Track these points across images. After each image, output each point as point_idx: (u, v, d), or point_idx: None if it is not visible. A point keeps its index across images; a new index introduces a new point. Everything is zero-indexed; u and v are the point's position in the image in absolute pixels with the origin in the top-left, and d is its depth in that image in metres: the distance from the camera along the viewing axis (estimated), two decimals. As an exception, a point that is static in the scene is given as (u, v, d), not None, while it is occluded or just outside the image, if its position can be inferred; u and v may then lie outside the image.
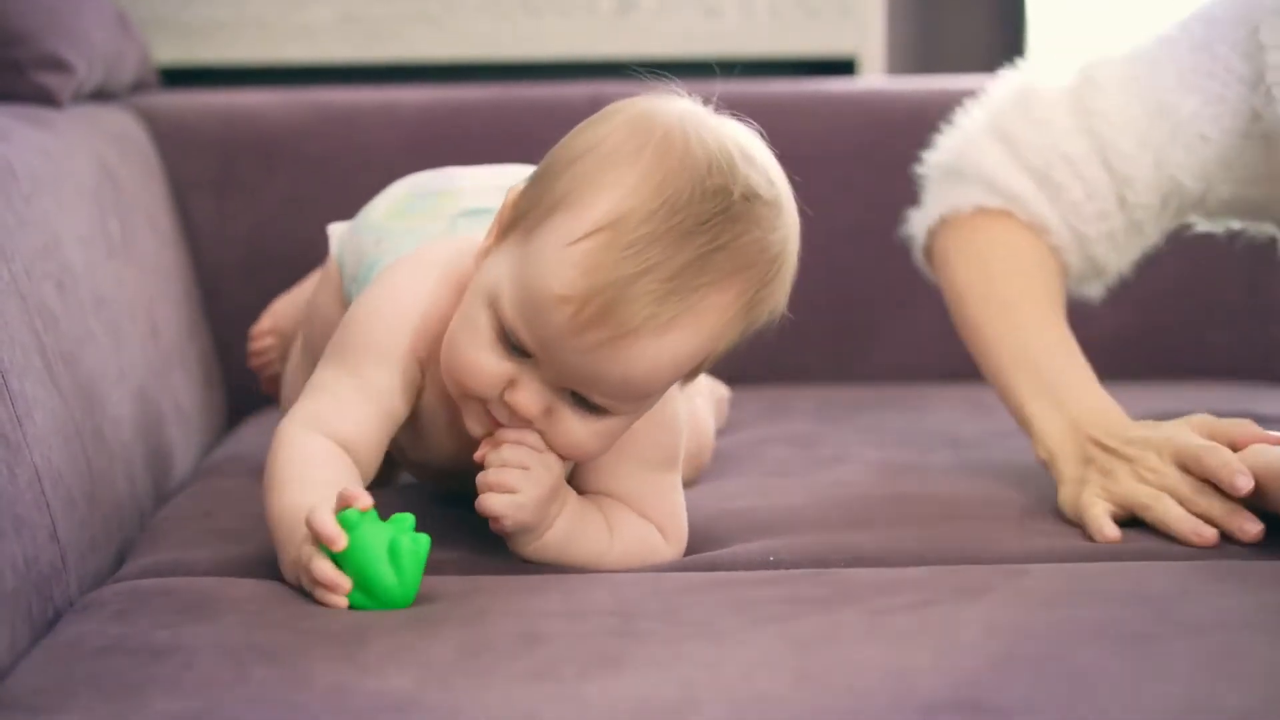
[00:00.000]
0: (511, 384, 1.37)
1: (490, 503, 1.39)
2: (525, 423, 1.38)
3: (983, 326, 1.75)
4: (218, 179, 2.29)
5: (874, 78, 2.53)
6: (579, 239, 1.32)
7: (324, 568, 1.32)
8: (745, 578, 1.42)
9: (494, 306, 1.37)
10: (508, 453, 1.39)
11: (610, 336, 1.32)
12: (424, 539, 1.34)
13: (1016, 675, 1.19)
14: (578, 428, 1.39)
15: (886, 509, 1.63)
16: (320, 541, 1.32)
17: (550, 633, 1.26)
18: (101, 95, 2.17)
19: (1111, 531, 1.52)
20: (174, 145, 2.28)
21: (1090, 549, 1.51)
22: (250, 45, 2.50)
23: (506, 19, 2.54)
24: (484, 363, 1.37)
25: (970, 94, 2.34)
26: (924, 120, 2.31)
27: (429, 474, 1.61)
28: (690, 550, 1.48)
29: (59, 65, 1.97)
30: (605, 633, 1.26)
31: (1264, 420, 1.60)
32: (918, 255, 1.88)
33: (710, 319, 1.34)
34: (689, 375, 1.40)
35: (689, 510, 1.52)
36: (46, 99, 1.96)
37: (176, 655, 1.23)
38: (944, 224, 1.82)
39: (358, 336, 1.46)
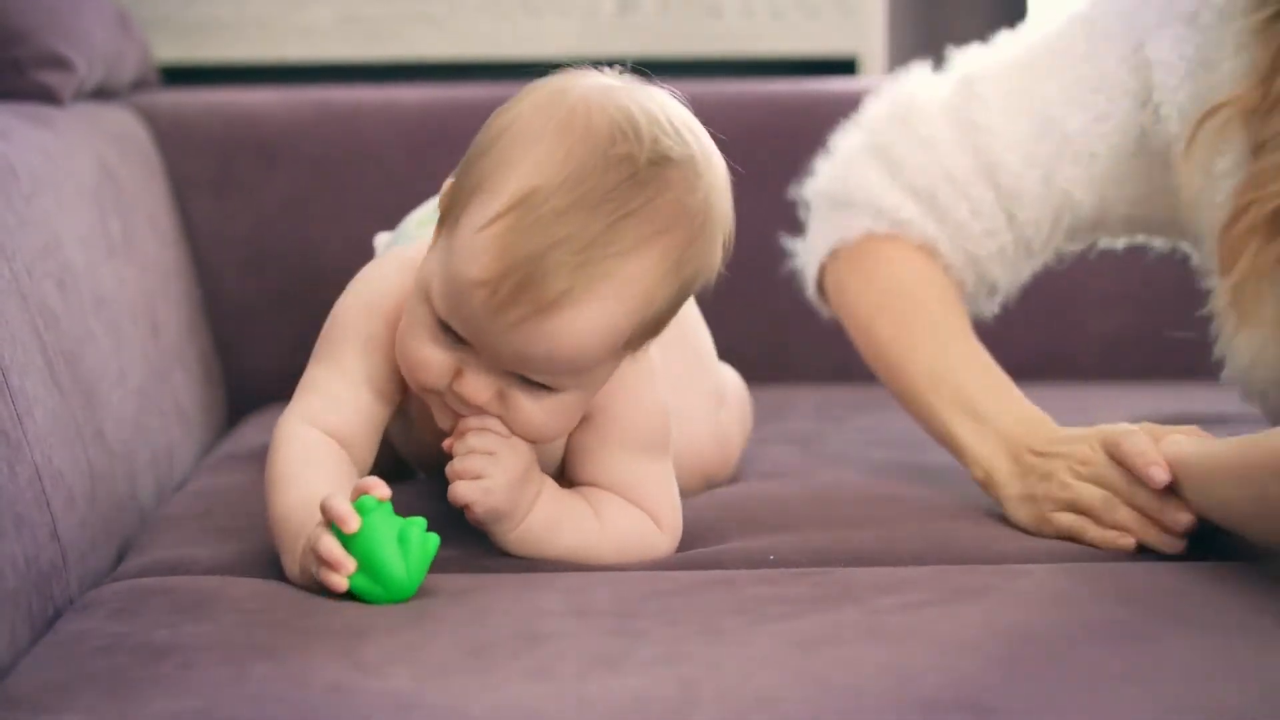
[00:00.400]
0: (458, 374, 1.38)
1: (459, 490, 1.40)
2: (480, 410, 1.39)
3: (890, 352, 1.71)
4: (218, 178, 2.29)
5: (875, 78, 2.53)
6: (490, 222, 1.32)
7: (331, 545, 1.33)
8: (746, 576, 1.42)
9: (429, 300, 1.37)
10: (473, 440, 1.39)
11: (529, 313, 1.31)
12: (434, 537, 1.35)
13: (1017, 676, 1.19)
14: (532, 408, 1.39)
15: (887, 509, 1.63)
16: (332, 522, 1.33)
17: (550, 632, 1.27)
18: (102, 94, 2.17)
19: (1096, 534, 1.51)
20: (175, 144, 2.28)
21: (1090, 550, 1.50)
22: (251, 44, 2.50)
23: (507, 19, 2.54)
24: (429, 356, 1.38)
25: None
26: (924, 120, 2.32)
27: (426, 468, 1.62)
28: (690, 549, 1.48)
29: (60, 63, 1.97)
30: (605, 632, 1.26)
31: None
32: (809, 289, 1.85)
33: (634, 286, 1.34)
34: (631, 344, 1.39)
35: (690, 508, 1.52)
36: (47, 97, 1.96)
37: (177, 654, 1.23)
38: (834, 256, 1.80)
39: (338, 330, 1.48)
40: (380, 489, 1.34)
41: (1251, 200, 1.56)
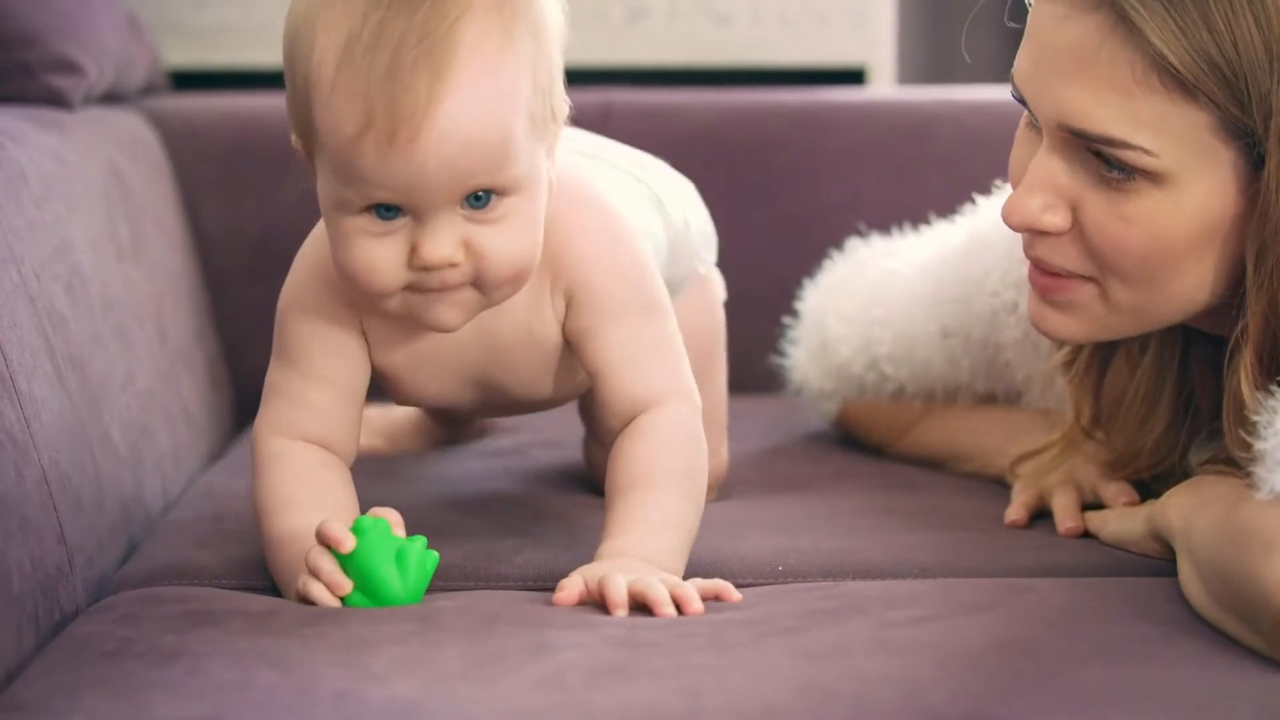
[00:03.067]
0: (413, 251, 1.36)
1: (666, 610, 1.33)
2: (451, 267, 1.36)
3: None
4: (227, 183, 2.28)
5: (884, 88, 2.53)
6: (329, 86, 1.32)
7: (327, 565, 1.33)
8: (754, 589, 1.42)
9: (340, 208, 1.36)
10: (612, 590, 1.34)
11: (414, 129, 1.31)
12: (434, 555, 1.36)
13: (1022, 690, 1.19)
14: (494, 237, 1.37)
15: (895, 521, 1.63)
16: (328, 545, 1.33)
17: (558, 642, 1.26)
18: (112, 98, 2.17)
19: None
20: (184, 149, 2.28)
21: (1095, 564, 1.50)
22: (261, 49, 2.50)
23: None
24: (371, 256, 1.36)
25: (979, 105, 2.35)
26: (933, 131, 2.32)
27: (434, 403, 1.60)
28: (698, 561, 1.48)
29: (70, 67, 1.97)
30: (613, 643, 1.26)
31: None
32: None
33: (487, 43, 1.33)
34: (536, 114, 1.38)
35: (701, 522, 1.51)
36: (57, 101, 1.96)
37: (184, 660, 1.24)
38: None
39: (283, 326, 1.49)
40: (384, 512, 1.35)
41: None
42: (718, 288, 1.78)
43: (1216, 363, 1.50)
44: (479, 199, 1.35)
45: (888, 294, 1.86)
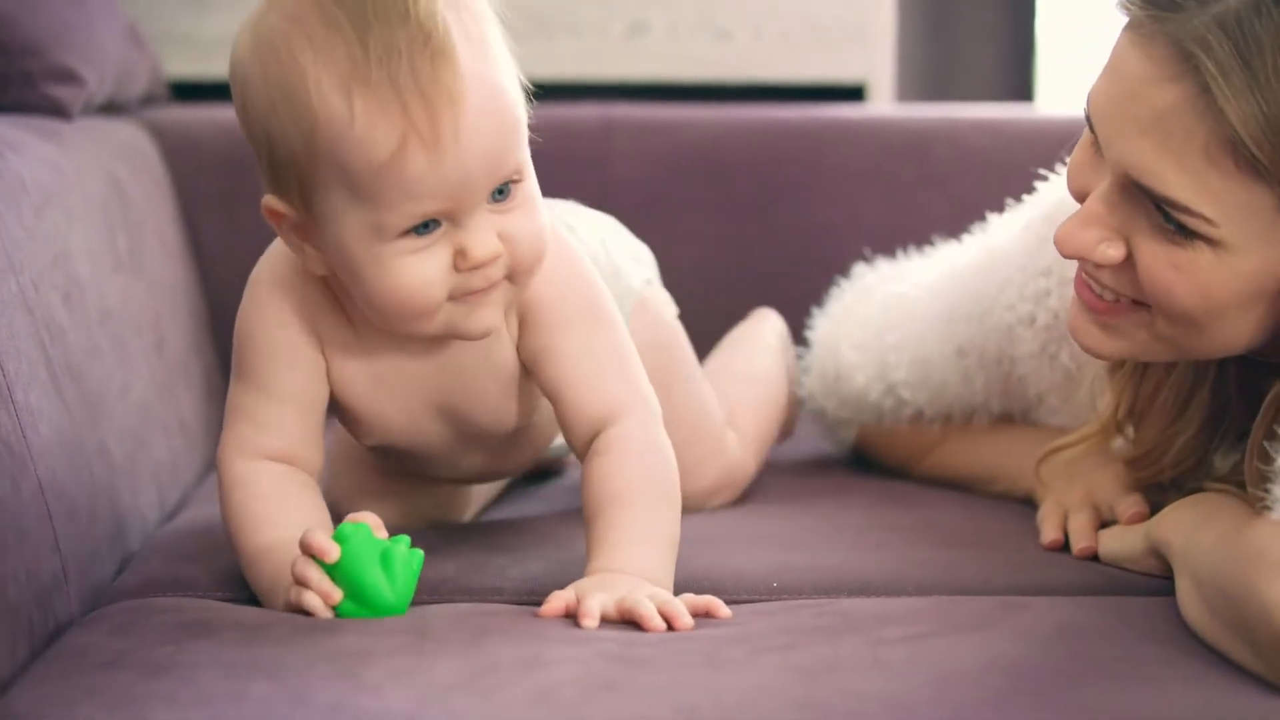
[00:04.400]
0: (459, 254, 1.37)
1: (654, 625, 1.34)
2: (495, 261, 1.38)
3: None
4: (226, 194, 2.28)
5: (883, 104, 2.53)
6: (347, 116, 1.32)
7: (316, 576, 1.33)
8: (748, 605, 1.42)
9: (376, 238, 1.36)
10: (588, 608, 1.34)
11: (455, 125, 1.32)
12: (418, 554, 1.36)
13: (1017, 710, 1.19)
14: (520, 223, 1.39)
15: (892, 537, 1.63)
16: (313, 555, 1.34)
17: (551, 657, 1.26)
18: (111, 108, 2.17)
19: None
20: (183, 160, 2.28)
21: (1091, 583, 1.50)
22: (261, 61, 2.50)
23: (517, 40, 2.52)
24: (422, 271, 1.37)
25: (978, 122, 2.35)
26: (932, 148, 2.32)
27: (401, 439, 1.57)
28: (691, 577, 1.48)
29: (70, 77, 1.97)
30: (606, 657, 1.26)
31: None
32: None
33: (474, 44, 1.36)
34: (521, 94, 1.41)
35: (693, 539, 1.51)
36: (57, 111, 1.96)
37: (177, 671, 1.24)
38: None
39: (241, 346, 1.49)
40: (364, 516, 1.36)
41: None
42: (662, 306, 1.79)
43: (1252, 374, 1.50)
44: (502, 191, 1.38)
45: (899, 318, 1.86)
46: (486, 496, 1.76)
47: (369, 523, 1.36)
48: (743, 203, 2.31)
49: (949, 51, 2.71)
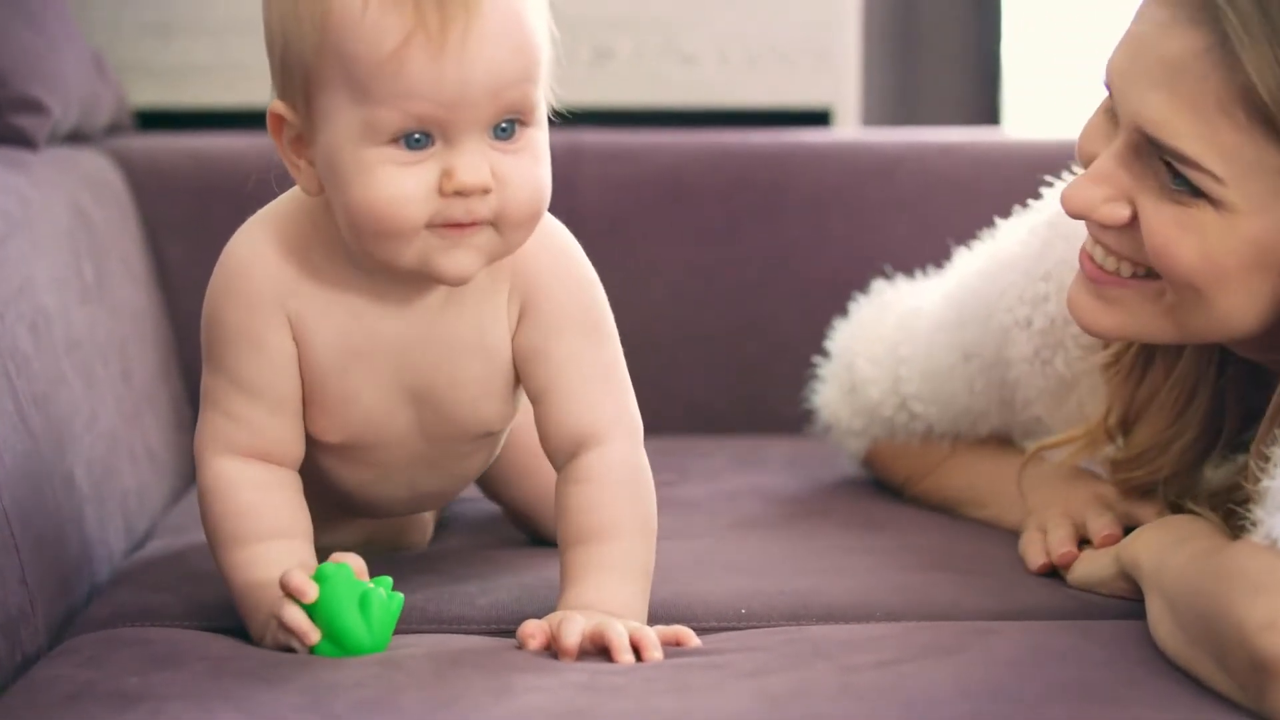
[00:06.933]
0: (445, 176, 1.35)
1: (626, 658, 1.33)
2: (483, 194, 1.35)
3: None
4: (192, 222, 2.28)
5: (849, 129, 2.54)
6: (361, 4, 1.32)
7: (295, 616, 1.33)
8: (717, 633, 1.42)
9: (364, 138, 1.34)
10: (567, 632, 1.34)
11: (465, 28, 1.31)
12: (398, 597, 1.35)
13: (987, 733, 1.19)
14: (517, 164, 1.36)
15: (861, 561, 1.63)
16: (290, 595, 1.33)
17: (520, 686, 1.26)
18: (77, 138, 2.17)
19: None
20: (149, 188, 2.27)
21: (1061, 607, 1.51)
22: (227, 89, 2.50)
23: (483, 66, 2.54)
24: (403, 184, 1.34)
25: (945, 146, 2.35)
26: (899, 172, 2.33)
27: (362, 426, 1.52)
28: (661, 604, 1.48)
29: (34, 107, 1.96)
30: (575, 687, 1.26)
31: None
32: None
33: None
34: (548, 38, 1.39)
35: (663, 565, 1.49)
36: (21, 140, 1.95)
37: (146, 702, 1.23)
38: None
39: (209, 329, 1.46)
40: (346, 557, 1.35)
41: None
42: None
43: (1250, 384, 1.50)
44: (505, 129, 1.35)
45: (912, 331, 1.86)
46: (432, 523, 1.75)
47: (351, 564, 1.35)
48: (710, 227, 2.32)
49: (915, 75, 2.72)
